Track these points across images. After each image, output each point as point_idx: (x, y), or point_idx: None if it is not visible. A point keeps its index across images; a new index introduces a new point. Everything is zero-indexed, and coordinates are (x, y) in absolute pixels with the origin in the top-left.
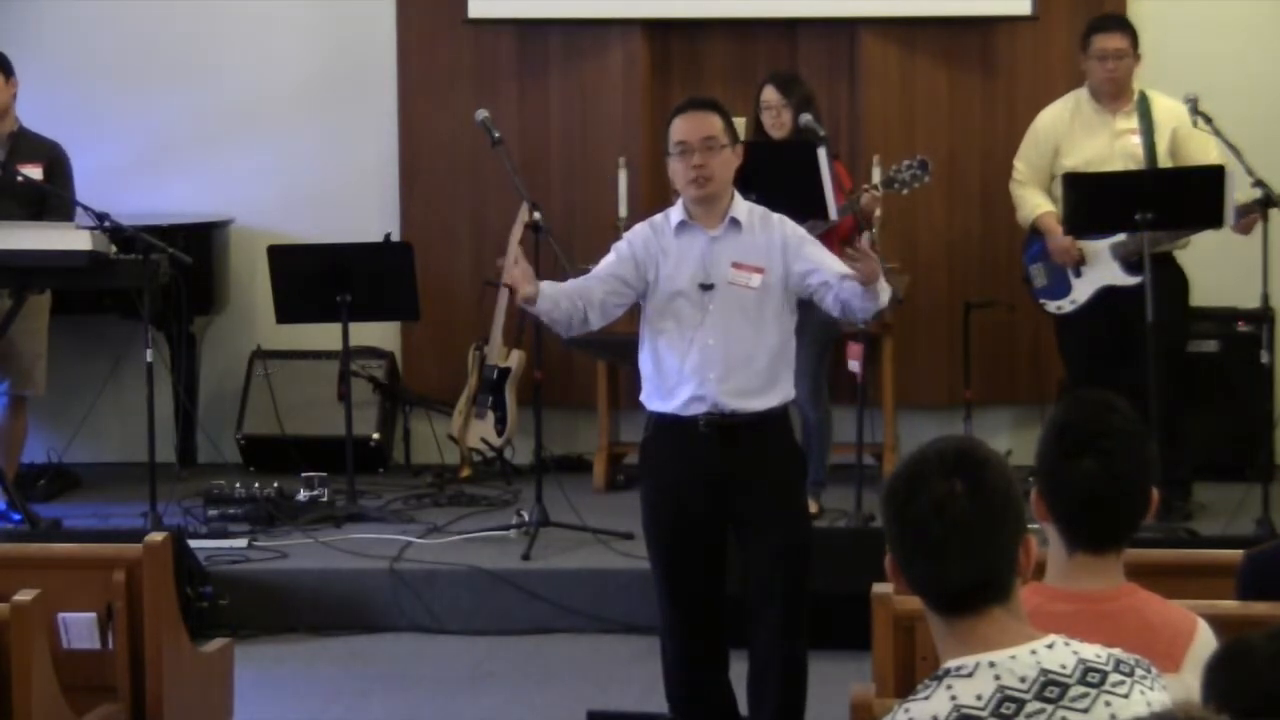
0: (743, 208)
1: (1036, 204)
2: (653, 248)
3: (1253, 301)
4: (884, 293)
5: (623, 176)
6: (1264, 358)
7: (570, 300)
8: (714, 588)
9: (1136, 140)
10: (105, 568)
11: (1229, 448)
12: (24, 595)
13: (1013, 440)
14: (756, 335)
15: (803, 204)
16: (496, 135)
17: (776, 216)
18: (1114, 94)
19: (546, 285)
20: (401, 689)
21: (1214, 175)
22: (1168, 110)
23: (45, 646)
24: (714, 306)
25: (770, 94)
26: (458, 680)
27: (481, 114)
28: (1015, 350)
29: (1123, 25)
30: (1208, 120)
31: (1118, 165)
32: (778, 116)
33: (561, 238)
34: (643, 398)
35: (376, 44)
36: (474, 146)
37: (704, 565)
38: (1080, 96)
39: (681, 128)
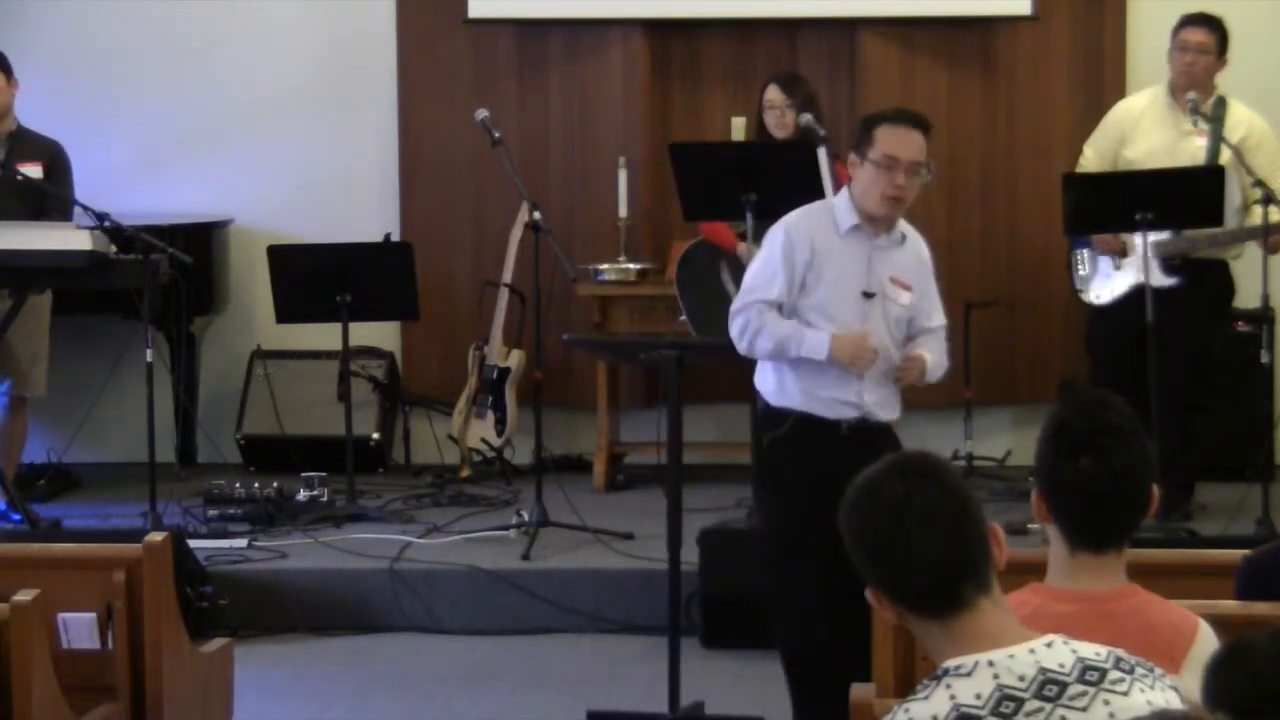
0: (903, 223)
1: None
2: (818, 245)
3: (1253, 301)
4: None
5: (623, 176)
6: (1264, 358)
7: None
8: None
9: (1201, 142)
10: (105, 568)
11: (1229, 448)
12: (24, 595)
13: (1013, 440)
14: (895, 348)
15: (803, 204)
16: (496, 135)
17: (917, 236)
18: (1189, 88)
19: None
20: (401, 689)
21: (1214, 175)
22: (1240, 118)
23: (45, 646)
24: (872, 315)
25: (774, 94)
26: (458, 680)
27: (481, 114)
28: (1015, 350)
29: (1209, 23)
30: (1208, 120)
31: (1178, 163)
32: (781, 117)
33: (561, 238)
34: (774, 394)
35: (376, 44)
36: (474, 146)
37: (824, 564)
38: (1159, 90)
39: (895, 141)
